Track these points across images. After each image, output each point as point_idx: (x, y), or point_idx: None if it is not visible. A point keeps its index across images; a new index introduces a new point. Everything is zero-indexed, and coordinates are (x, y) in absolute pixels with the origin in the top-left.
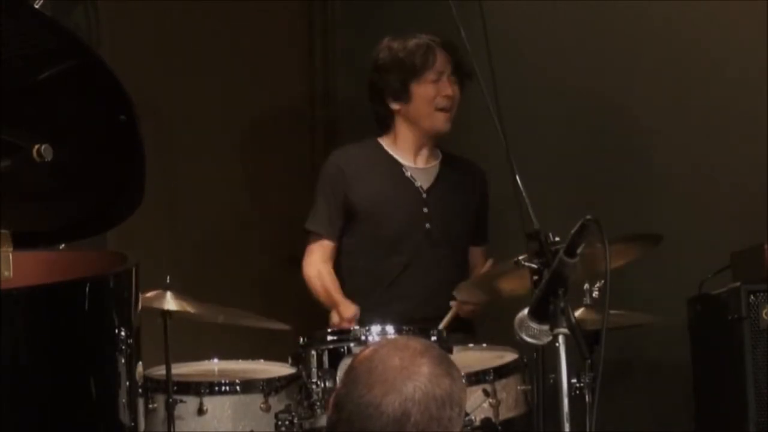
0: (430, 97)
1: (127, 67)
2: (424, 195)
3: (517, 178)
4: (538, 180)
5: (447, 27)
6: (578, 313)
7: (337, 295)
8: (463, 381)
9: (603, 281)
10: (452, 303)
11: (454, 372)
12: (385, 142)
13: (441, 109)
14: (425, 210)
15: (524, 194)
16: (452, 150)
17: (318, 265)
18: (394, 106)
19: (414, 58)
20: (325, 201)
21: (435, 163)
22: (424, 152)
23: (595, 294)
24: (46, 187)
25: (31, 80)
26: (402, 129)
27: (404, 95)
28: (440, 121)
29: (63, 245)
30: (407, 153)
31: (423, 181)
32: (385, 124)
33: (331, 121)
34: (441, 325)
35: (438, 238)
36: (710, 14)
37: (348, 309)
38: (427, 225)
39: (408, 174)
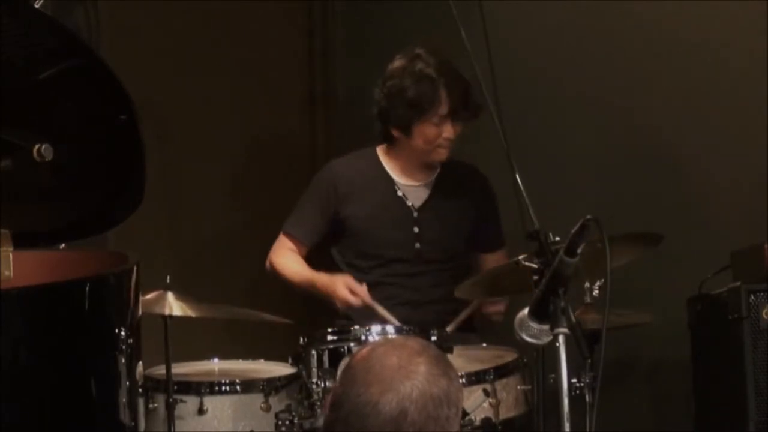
0: (431, 137)
1: (127, 67)
2: (415, 214)
3: (518, 177)
4: (538, 180)
5: (447, 27)
6: (578, 312)
7: (317, 274)
8: (461, 381)
9: (603, 280)
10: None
11: (451, 372)
12: (382, 155)
13: (440, 146)
14: (416, 230)
15: (524, 194)
16: (453, 150)
17: (288, 253)
18: (395, 133)
19: (421, 99)
20: (312, 210)
21: (431, 179)
22: (422, 170)
23: (596, 293)
24: (46, 187)
25: (31, 80)
26: (401, 151)
27: (406, 130)
28: (437, 156)
29: (63, 245)
30: (403, 170)
31: (415, 199)
32: (385, 138)
33: (332, 121)
34: (453, 324)
35: (429, 256)
36: (710, 14)
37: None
38: (417, 245)
39: (400, 193)
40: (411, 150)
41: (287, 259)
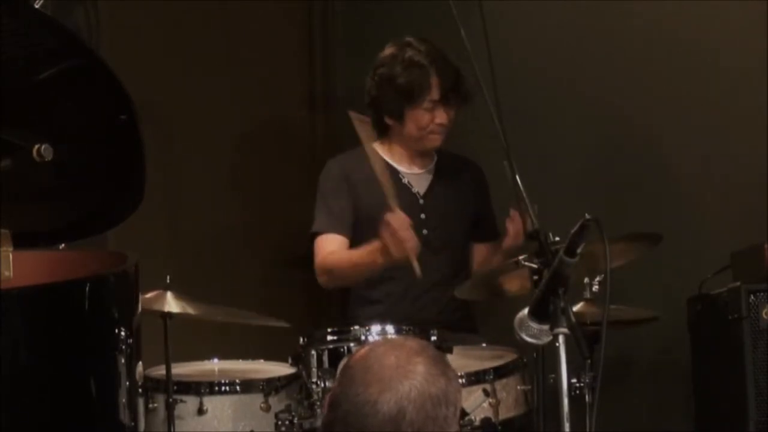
0: (424, 123)
1: (127, 67)
2: (421, 201)
3: (517, 178)
4: (538, 180)
5: (447, 27)
6: (578, 307)
7: (365, 248)
8: (461, 381)
9: (603, 275)
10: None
11: (450, 372)
12: (380, 148)
13: (432, 132)
14: (422, 216)
15: (524, 194)
16: (452, 149)
17: (335, 251)
18: (388, 121)
19: (412, 85)
20: (333, 200)
21: (431, 166)
22: (419, 158)
23: (595, 288)
24: (46, 187)
25: (31, 80)
26: (396, 140)
27: (398, 116)
28: (431, 142)
29: (63, 245)
30: (402, 159)
31: (420, 187)
32: (380, 130)
33: (332, 121)
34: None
35: (436, 243)
36: (710, 14)
37: (395, 218)
38: (425, 231)
39: (405, 180)
40: (405, 138)
41: (336, 255)
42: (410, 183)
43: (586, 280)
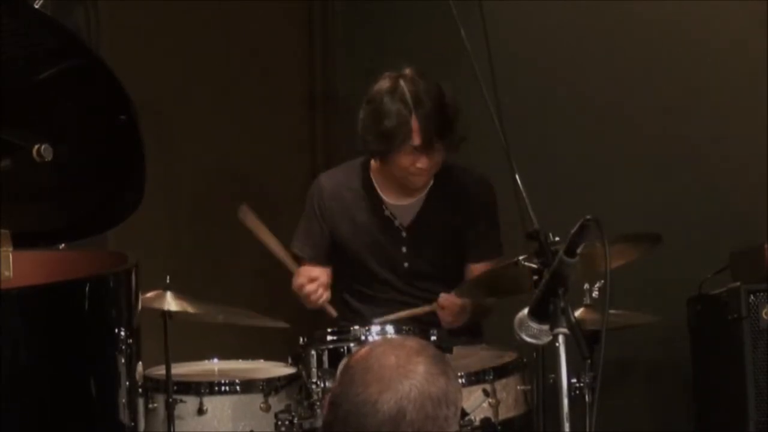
0: (405, 166)
1: (127, 67)
2: (404, 234)
3: (517, 177)
4: (538, 180)
5: (447, 27)
6: (578, 313)
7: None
8: (460, 381)
9: (603, 281)
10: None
11: (450, 372)
12: (374, 169)
13: (414, 174)
14: (404, 249)
15: (524, 194)
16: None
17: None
18: (375, 158)
19: (392, 133)
20: (308, 227)
21: (422, 194)
22: (409, 187)
23: (595, 294)
24: (46, 187)
25: (31, 80)
26: (385, 169)
27: (382, 157)
28: (416, 182)
29: (63, 245)
30: (390, 188)
31: (404, 218)
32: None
33: (332, 121)
34: (403, 314)
35: (417, 275)
36: (710, 14)
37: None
38: (406, 264)
39: (387, 212)
40: (390, 172)
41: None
42: (393, 214)
43: (586, 285)
